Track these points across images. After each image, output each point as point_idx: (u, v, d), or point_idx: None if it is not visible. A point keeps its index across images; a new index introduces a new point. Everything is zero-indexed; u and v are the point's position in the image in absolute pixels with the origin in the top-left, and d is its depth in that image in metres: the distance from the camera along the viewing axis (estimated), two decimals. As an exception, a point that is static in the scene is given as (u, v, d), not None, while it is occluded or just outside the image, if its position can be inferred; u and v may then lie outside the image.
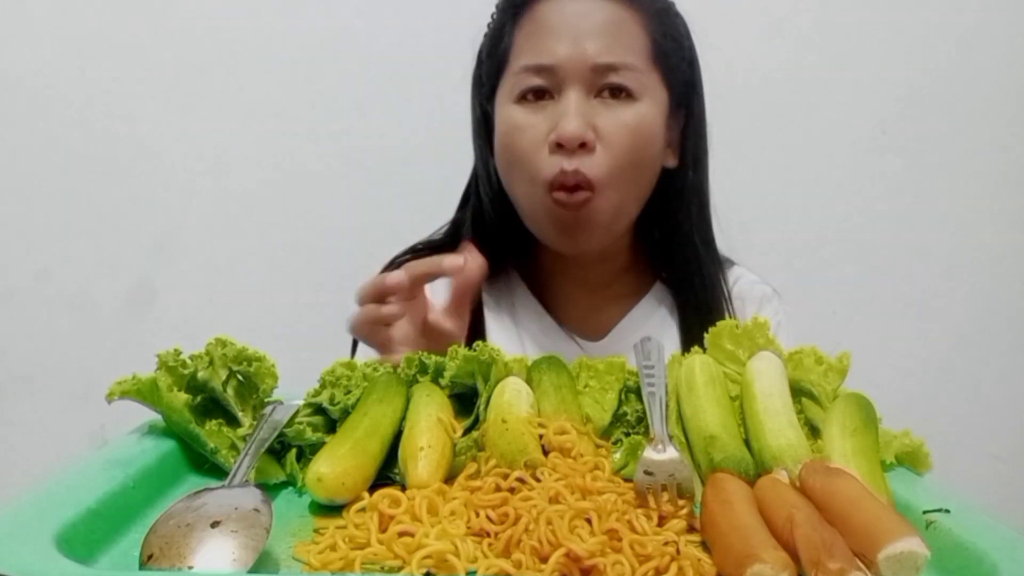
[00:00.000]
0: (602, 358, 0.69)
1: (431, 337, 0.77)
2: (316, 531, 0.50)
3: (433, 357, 0.67)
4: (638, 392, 0.65)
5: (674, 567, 0.43)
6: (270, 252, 1.49)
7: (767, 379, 0.60)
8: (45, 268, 1.49)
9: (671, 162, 0.93)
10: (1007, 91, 1.52)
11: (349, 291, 0.79)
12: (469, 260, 0.77)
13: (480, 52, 0.97)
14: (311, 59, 1.46)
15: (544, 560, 0.43)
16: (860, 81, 1.51)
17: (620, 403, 0.65)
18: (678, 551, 0.44)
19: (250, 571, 0.41)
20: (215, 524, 0.44)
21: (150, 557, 0.41)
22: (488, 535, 0.47)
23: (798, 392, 0.62)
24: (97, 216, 1.48)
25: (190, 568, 0.41)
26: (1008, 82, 1.52)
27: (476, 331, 0.95)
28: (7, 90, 1.46)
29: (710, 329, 0.67)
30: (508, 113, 0.88)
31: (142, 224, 1.49)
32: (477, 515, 0.48)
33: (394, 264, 1.01)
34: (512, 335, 0.98)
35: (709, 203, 0.96)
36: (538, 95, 0.86)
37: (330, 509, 0.52)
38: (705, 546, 0.46)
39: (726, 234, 0.98)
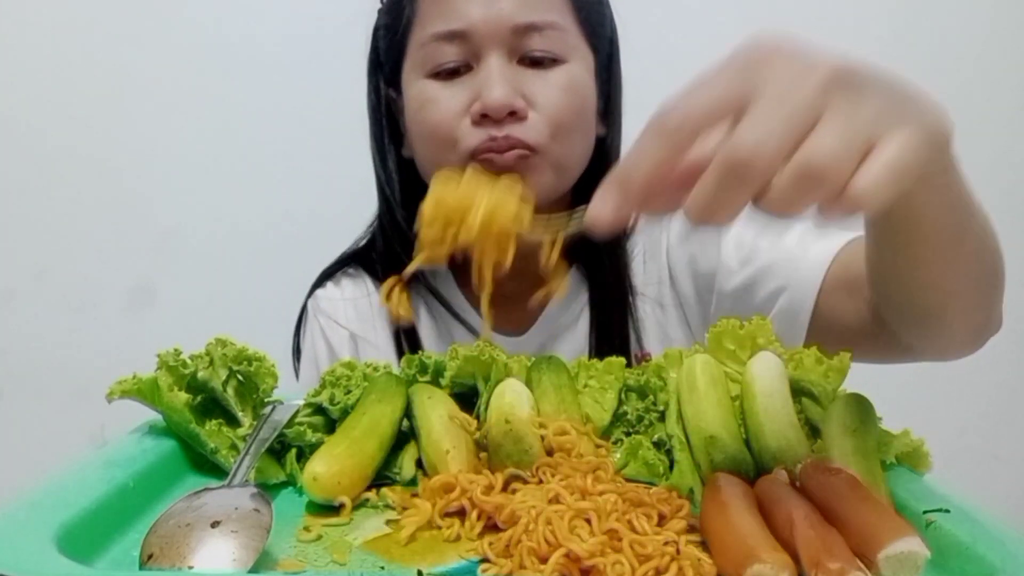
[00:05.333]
0: (598, 361, 0.68)
1: None
2: (305, 528, 0.49)
3: (433, 357, 0.67)
4: (638, 391, 0.65)
5: (674, 567, 0.42)
6: (271, 252, 1.48)
7: (767, 379, 0.59)
8: (45, 268, 1.49)
9: (600, 130, 0.83)
10: (1008, 90, 1.52)
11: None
12: None
13: (376, 28, 0.86)
14: (313, 58, 1.46)
15: (544, 560, 0.43)
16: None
17: (620, 403, 0.65)
18: (678, 551, 0.44)
19: (250, 571, 0.41)
20: (215, 524, 0.44)
21: (150, 557, 0.41)
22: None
23: (798, 392, 0.61)
24: (97, 216, 1.48)
25: (190, 568, 0.41)
26: (1009, 81, 1.52)
27: (411, 333, 0.89)
28: (6, 90, 1.46)
29: (711, 328, 0.66)
30: (420, 88, 0.77)
31: (142, 224, 1.49)
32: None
33: (328, 277, 0.95)
34: (444, 334, 0.90)
35: None
36: (452, 73, 0.75)
37: (327, 508, 0.52)
38: (705, 546, 0.46)
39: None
